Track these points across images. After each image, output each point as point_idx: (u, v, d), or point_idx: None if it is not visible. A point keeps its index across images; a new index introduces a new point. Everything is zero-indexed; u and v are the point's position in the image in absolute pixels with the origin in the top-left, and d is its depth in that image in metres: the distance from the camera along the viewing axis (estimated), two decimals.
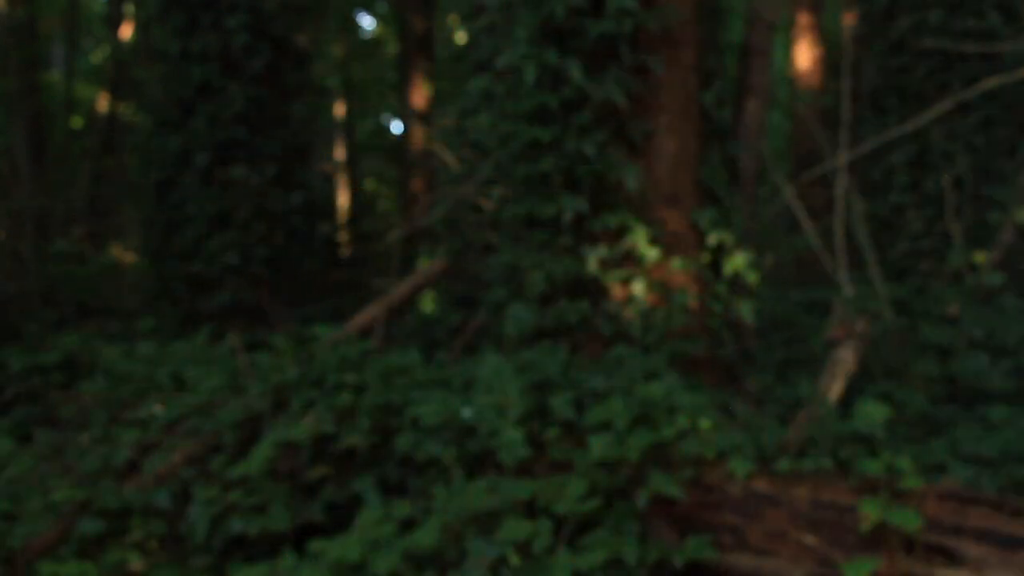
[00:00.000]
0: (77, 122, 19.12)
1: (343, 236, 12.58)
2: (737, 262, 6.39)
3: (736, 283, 6.53)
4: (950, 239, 9.04)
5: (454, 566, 4.12)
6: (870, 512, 3.80)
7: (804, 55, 12.59)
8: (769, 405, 6.27)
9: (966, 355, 6.77)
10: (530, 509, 4.39)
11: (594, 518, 4.34)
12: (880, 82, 10.01)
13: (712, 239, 6.26)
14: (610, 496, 4.42)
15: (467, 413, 4.78)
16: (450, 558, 4.14)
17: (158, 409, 6.29)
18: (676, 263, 6.10)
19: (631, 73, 6.10)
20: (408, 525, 4.54)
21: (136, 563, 5.05)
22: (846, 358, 6.26)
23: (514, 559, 4.06)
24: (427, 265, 8.88)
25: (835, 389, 5.88)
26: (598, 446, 4.43)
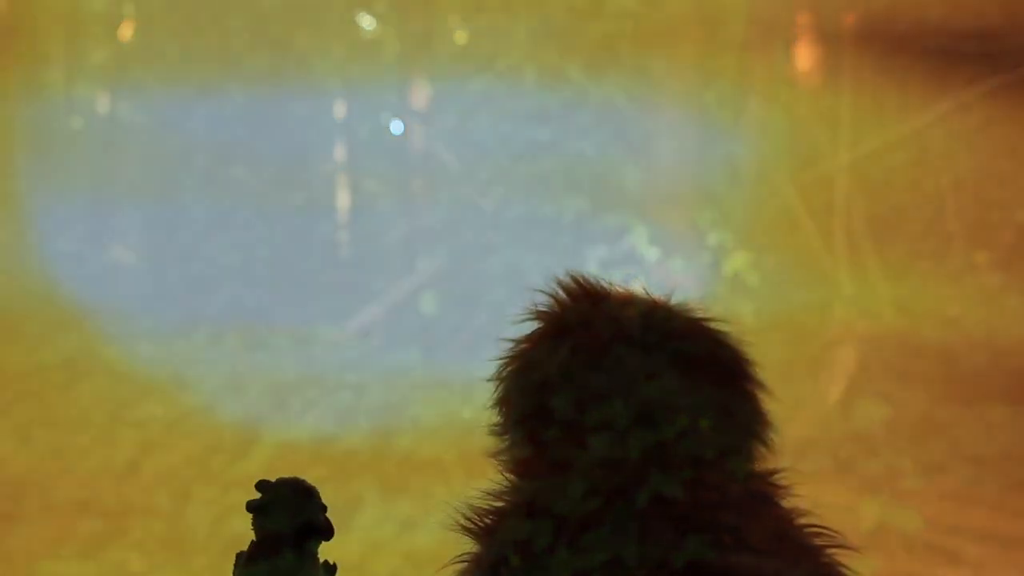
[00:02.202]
0: (77, 122, 19.15)
1: (343, 236, 12.57)
2: (737, 262, 6.39)
3: (736, 283, 6.52)
4: (950, 239, 9.03)
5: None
6: (870, 512, 3.80)
7: (804, 55, 12.61)
8: (769, 405, 6.25)
9: (966, 355, 6.76)
10: (530, 509, 4.38)
11: (594, 518, 4.33)
12: (880, 82, 9.99)
13: (712, 239, 6.26)
14: (610, 496, 4.41)
15: (466, 412, 4.78)
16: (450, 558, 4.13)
17: (159, 408, 6.28)
18: (676, 263, 6.10)
19: (631, 73, 6.10)
20: (408, 525, 4.54)
21: (136, 563, 5.04)
22: (846, 358, 6.25)
23: (514, 559, 4.06)
24: (427, 265, 8.88)
25: (835, 389, 5.87)
26: (598, 445, 4.42)
